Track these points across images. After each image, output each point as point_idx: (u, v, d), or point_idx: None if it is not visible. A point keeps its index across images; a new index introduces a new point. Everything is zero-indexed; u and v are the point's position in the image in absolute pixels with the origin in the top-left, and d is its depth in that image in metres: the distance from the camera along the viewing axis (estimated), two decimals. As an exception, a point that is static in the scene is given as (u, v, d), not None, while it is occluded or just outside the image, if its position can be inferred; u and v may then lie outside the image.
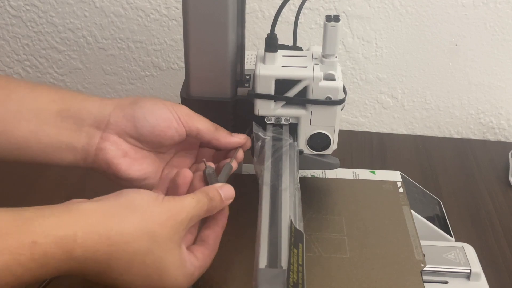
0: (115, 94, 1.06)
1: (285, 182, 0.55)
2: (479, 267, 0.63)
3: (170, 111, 0.58)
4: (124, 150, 0.58)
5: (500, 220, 0.80)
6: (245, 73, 0.68)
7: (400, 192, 0.69)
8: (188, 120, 0.58)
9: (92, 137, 0.57)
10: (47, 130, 0.56)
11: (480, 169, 0.91)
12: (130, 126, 0.57)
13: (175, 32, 0.98)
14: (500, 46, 0.94)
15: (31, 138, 0.56)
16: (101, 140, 0.57)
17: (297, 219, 0.51)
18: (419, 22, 0.94)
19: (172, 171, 0.57)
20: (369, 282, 0.56)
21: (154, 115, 0.57)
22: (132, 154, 0.58)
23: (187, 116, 0.58)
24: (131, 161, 0.58)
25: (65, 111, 0.57)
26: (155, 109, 0.57)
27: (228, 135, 0.61)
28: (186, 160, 0.63)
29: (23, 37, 1.01)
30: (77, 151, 0.57)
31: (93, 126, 0.57)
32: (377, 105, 1.02)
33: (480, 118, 1.01)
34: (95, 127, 0.57)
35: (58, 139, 0.57)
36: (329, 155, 0.65)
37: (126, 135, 0.58)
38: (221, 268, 0.57)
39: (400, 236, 0.61)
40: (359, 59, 0.97)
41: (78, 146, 0.57)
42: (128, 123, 0.57)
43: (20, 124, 0.56)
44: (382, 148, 0.97)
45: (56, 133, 0.57)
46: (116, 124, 0.57)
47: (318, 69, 0.60)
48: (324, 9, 0.94)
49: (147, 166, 0.59)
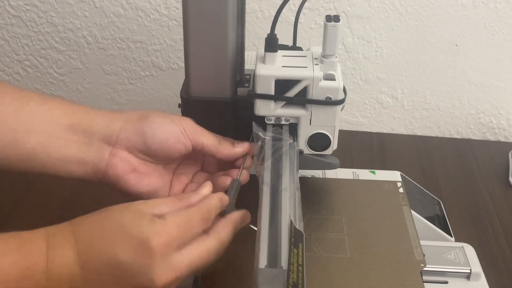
0: (115, 94, 1.06)
1: (285, 182, 0.55)
2: (479, 267, 0.62)
3: (177, 126, 0.58)
4: (133, 165, 0.58)
5: (500, 220, 0.80)
6: (245, 73, 0.68)
7: (400, 192, 0.69)
8: (194, 134, 0.59)
9: (102, 153, 0.58)
10: (58, 143, 0.57)
11: (480, 169, 0.91)
12: (139, 141, 0.58)
13: (175, 32, 0.98)
14: (500, 46, 0.94)
15: (41, 151, 0.56)
16: (111, 156, 0.58)
17: (297, 219, 0.51)
18: (419, 22, 0.94)
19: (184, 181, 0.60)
20: (369, 282, 0.56)
21: (163, 131, 0.58)
22: (141, 169, 0.59)
23: (193, 130, 0.59)
24: (140, 176, 0.59)
25: (76, 125, 0.58)
26: (164, 125, 0.58)
27: (231, 147, 0.61)
28: (192, 168, 0.64)
29: (23, 37, 1.01)
30: (87, 166, 0.58)
31: (103, 141, 0.58)
32: (377, 105, 1.02)
33: (480, 118, 1.01)
34: (105, 142, 0.58)
35: (68, 152, 0.57)
36: (329, 155, 0.65)
37: (135, 150, 0.58)
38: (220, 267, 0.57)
39: (400, 236, 0.61)
40: (359, 59, 0.97)
41: (89, 161, 0.58)
42: (138, 139, 0.58)
43: (30, 136, 0.56)
44: (382, 148, 0.97)
45: (66, 147, 0.57)
46: (126, 140, 0.58)
47: (318, 69, 0.60)
48: (324, 9, 0.94)
49: (155, 180, 0.60)
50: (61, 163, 0.57)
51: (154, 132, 0.58)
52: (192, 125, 0.59)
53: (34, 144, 0.56)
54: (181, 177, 0.62)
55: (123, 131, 0.58)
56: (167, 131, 0.58)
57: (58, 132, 0.57)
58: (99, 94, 1.06)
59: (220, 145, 0.60)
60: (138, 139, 0.58)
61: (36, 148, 0.56)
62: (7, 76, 1.05)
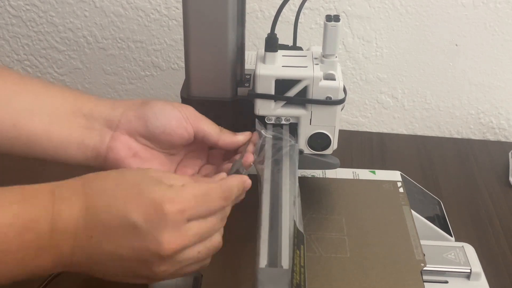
0: (115, 94, 1.06)
1: (285, 182, 0.55)
2: (479, 267, 0.63)
3: (179, 111, 0.58)
4: (135, 150, 0.58)
5: (500, 220, 0.80)
6: (245, 73, 0.68)
7: (400, 192, 0.69)
8: (196, 121, 0.59)
9: (104, 136, 0.58)
10: (59, 128, 0.57)
11: (480, 169, 0.91)
12: (141, 125, 0.58)
13: (175, 32, 0.98)
14: (500, 46, 0.94)
15: (43, 135, 0.56)
16: (112, 140, 0.58)
17: (297, 220, 0.51)
18: (419, 22, 0.94)
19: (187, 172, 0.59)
20: (369, 282, 0.56)
21: (164, 115, 0.58)
22: (142, 154, 0.59)
23: (195, 116, 0.59)
24: (141, 161, 0.58)
25: (78, 110, 0.58)
26: (166, 109, 0.58)
27: (233, 135, 0.61)
28: (197, 161, 0.63)
29: (23, 37, 1.01)
30: (88, 149, 0.58)
31: (105, 126, 0.58)
32: (377, 105, 1.02)
33: (480, 118, 1.01)
34: (106, 126, 0.58)
35: (69, 136, 0.57)
36: (329, 155, 0.65)
37: (137, 135, 0.58)
38: (221, 267, 0.57)
39: (400, 236, 0.61)
40: (359, 59, 0.97)
41: (90, 144, 0.58)
42: (139, 122, 0.58)
43: (32, 120, 0.56)
44: (382, 148, 0.97)
45: (68, 131, 0.57)
46: (127, 124, 0.58)
47: (318, 69, 0.60)
48: (324, 9, 0.94)
49: (157, 166, 0.59)
50: (61, 146, 0.57)
51: (156, 116, 0.58)
52: (194, 112, 0.59)
53: (35, 127, 0.56)
54: (186, 169, 0.61)
55: (125, 116, 0.58)
56: (168, 115, 0.58)
57: (60, 115, 0.57)
58: (99, 94, 1.06)
59: (221, 133, 0.60)
60: (140, 123, 0.58)
61: (37, 131, 0.56)
62: (7, 76, 1.05)
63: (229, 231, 0.55)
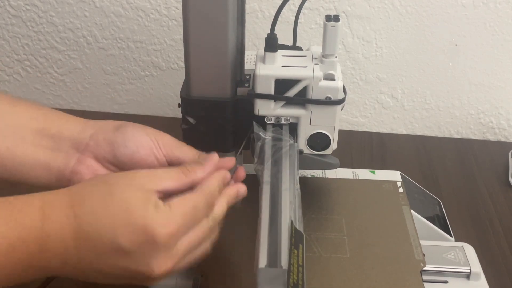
0: (115, 94, 1.06)
1: (285, 182, 0.55)
2: (479, 267, 0.63)
3: (151, 139, 0.56)
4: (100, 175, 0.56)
5: (500, 220, 0.80)
6: (245, 73, 0.68)
7: (400, 192, 0.69)
8: (169, 150, 0.56)
9: (69, 159, 0.56)
10: (24, 148, 0.55)
11: (480, 169, 0.91)
12: (108, 151, 0.56)
13: (175, 32, 0.98)
14: (500, 46, 0.94)
15: (7, 155, 0.54)
16: (77, 163, 0.56)
17: (297, 220, 0.51)
18: (419, 22, 0.94)
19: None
20: (369, 282, 0.56)
21: (134, 142, 0.55)
22: None
23: (169, 145, 0.56)
24: None
25: (46, 130, 0.56)
26: (136, 136, 0.56)
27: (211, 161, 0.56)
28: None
29: (23, 37, 1.01)
30: (52, 172, 0.56)
31: (72, 147, 0.56)
32: (377, 105, 1.02)
33: (480, 118, 1.01)
34: (74, 148, 0.56)
35: (34, 157, 0.55)
36: (329, 155, 0.65)
37: (103, 160, 0.56)
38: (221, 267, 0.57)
39: (400, 236, 0.61)
40: (359, 59, 0.97)
41: (54, 166, 0.56)
42: (108, 148, 0.56)
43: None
44: (382, 148, 0.97)
45: (32, 152, 0.55)
46: (95, 147, 0.56)
47: (318, 69, 0.60)
48: (324, 9, 0.94)
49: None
50: (25, 168, 0.55)
51: (125, 143, 0.55)
52: (169, 141, 0.57)
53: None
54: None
55: (94, 139, 0.56)
56: (138, 142, 0.55)
57: (25, 136, 0.55)
58: (99, 94, 1.06)
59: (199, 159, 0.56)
60: (108, 148, 0.55)
61: (1, 152, 0.54)
62: (7, 76, 1.05)
63: (229, 231, 0.55)
